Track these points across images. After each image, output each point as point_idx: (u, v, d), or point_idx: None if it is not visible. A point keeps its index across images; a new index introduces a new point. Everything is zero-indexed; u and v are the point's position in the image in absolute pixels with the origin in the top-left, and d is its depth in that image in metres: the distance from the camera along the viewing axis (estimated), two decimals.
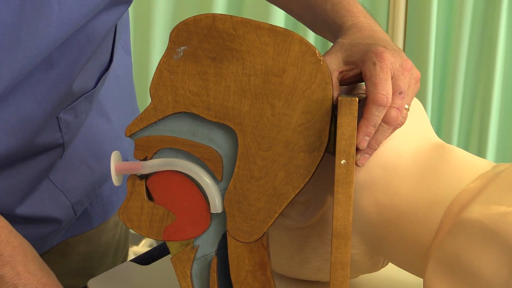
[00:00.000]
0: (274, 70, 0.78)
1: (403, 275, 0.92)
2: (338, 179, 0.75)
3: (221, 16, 0.78)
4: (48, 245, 1.11)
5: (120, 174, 0.83)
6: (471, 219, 0.74)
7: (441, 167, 0.84)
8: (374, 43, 0.80)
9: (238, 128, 0.79)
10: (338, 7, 0.88)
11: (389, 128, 0.78)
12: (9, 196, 0.97)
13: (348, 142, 0.75)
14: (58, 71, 0.89)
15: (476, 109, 1.96)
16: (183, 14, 2.09)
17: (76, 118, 0.97)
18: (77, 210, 1.08)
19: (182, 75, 0.80)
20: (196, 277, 0.83)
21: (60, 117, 0.94)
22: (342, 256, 0.76)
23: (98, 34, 0.91)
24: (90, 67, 0.95)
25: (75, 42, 0.88)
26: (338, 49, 0.81)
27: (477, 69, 1.95)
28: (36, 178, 0.99)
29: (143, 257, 1.08)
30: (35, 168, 0.97)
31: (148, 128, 0.81)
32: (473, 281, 0.73)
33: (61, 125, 0.95)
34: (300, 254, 0.89)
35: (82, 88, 0.96)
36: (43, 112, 0.90)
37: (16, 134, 0.90)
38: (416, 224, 0.82)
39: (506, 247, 0.70)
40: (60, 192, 1.04)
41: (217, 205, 0.80)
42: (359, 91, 0.86)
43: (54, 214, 1.05)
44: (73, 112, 0.96)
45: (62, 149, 0.98)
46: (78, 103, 0.96)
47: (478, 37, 1.93)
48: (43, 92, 0.89)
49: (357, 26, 0.84)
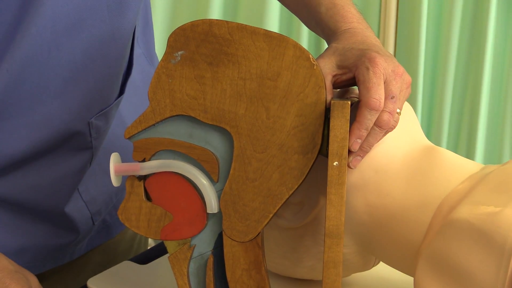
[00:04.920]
0: (269, 74, 0.78)
1: (394, 274, 0.92)
2: (330, 180, 0.75)
3: (217, 21, 0.78)
4: (68, 257, 1.10)
5: (119, 175, 0.83)
6: (460, 219, 0.74)
7: (431, 169, 0.84)
8: (367, 48, 0.80)
9: (234, 130, 0.79)
10: (332, 11, 0.88)
11: (381, 131, 0.78)
12: (35, 192, 0.97)
13: (341, 144, 0.75)
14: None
15: (465, 112, 1.97)
16: (180, 18, 2.08)
17: (107, 124, 0.99)
18: (95, 220, 1.08)
19: (179, 79, 0.80)
20: (193, 275, 0.83)
21: (92, 122, 0.95)
22: (335, 255, 0.76)
23: (126, 32, 0.92)
24: (117, 72, 0.96)
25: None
26: (331, 53, 0.82)
27: (465, 74, 1.95)
28: (63, 179, 0.99)
29: (142, 257, 1.08)
30: (63, 168, 0.97)
31: (147, 131, 0.82)
32: (462, 279, 0.73)
33: (92, 130, 0.96)
34: (293, 254, 0.89)
35: (112, 94, 0.97)
36: (69, 109, 0.91)
37: (41, 130, 0.90)
38: (406, 225, 0.82)
39: (494, 246, 0.70)
40: (84, 203, 1.04)
41: (213, 206, 0.80)
42: (351, 94, 0.86)
43: (74, 224, 1.05)
44: (105, 118, 0.97)
45: (91, 154, 0.99)
46: (110, 109, 0.97)
47: (467, 42, 1.93)
48: (69, 91, 0.90)
49: (350, 31, 0.84)
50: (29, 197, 0.97)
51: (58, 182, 0.98)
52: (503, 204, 0.72)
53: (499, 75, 1.93)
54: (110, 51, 0.92)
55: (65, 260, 1.08)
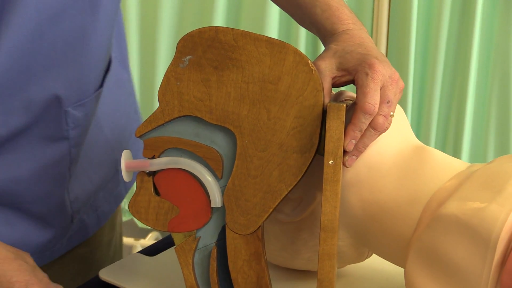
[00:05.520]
0: (270, 78, 0.78)
1: (386, 265, 0.92)
2: (326, 178, 0.76)
3: (223, 28, 0.78)
4: (47, 257, 1.03)
5: (130, 171, 0.83)
6: (448, 214, 0.74)
7: (421, 167, 0.84)
8: (366, 53, 0.80)
9: (237, 130, 0.79)
10: (328, 13, 0.86)
11: (375, 133, 0.78)
12: (15, 184, 0.93)
13: (336, 144, 0.75)
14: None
15: (452, 114, 1.97)
16: (186, 26, 2.08)
17: (86, 116, 0.94)
18: (74, 218, 1.03)
19: (187, 82, 0.80)
20: (197, 265, 0.83)
21: (69, 111, 0.91)
22: (329, 248, 0.76)
23: (107, 23, 0.89)
24: (96, 63, 0.93)
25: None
26: (331, 55, 0.81)
27: (452, 78, 1.95)
28: (43, 170, 0.94)
29: (150, 249, 1.07)
30: (41, 159, 0.93)
31: (156, 130, 0.82)
32: (450, 270, 0.73)
33: (68, 119, 0.92)
34: (292, 246, 0.89)
35: (91, 86, 0.93)
36: (47, 96, 0.87)
37: (19, 116, 0.87)
38: (397, 219, 0.82)
39: (479, 239, 0.70)
40: (69, 201, 1.00)
41: (217, 200, 0.80)
42: (346, 97, 0.86)
43: (53, 221, 1.00)
44: (83, 109, 0.93)
45: (68, 145, 0.94)
46: (89, 101, 0.94)
47: (453, 51, 1.93)
48: (48, 78, 0.86)
49: (347, 33, 0.84)
50: (9, 189, 0.93)
51: (38, 175, 0.94)
52: (488, 200, 0.72)
53: (484, 80, 1.93)
54: (91, 41, 0.89)
55: (45, 261, 1.03)
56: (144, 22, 2.12)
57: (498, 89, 1.92)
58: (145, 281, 0.95)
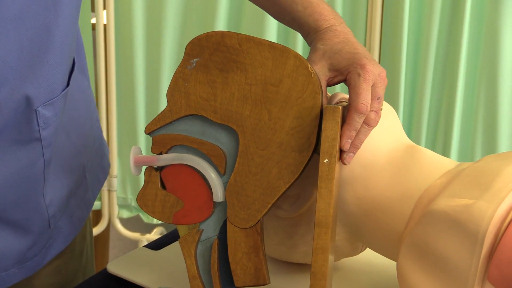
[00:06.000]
0: (272, 80, 0.78)
1: (379, 259, 0.91)
2: (321, 176, 0.76)
3: (229, 33, 0.79)
4: (33, 267, 0.96)
5: (138, 165, 0.84)
6: (438, 210, 0.74)
7: (412, 165, 0.84)
8: (354, 52, 0.80)
9: (240, 129, 0.80)
10: (310, 10, 0.86)
11: (369, 128, 0.79)
12: None
13: (331, 144, 0.76)
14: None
15: (441, 115, 1.97)
16: (190, 29, 2.08)
17: (55, 116, 0.88)
18: (51, 223, 0.96)
19: (194, 83, 0.80)
20: (200, 256, 0.83)
21: (39, 110, 0.85)
22: (323, 243, 0.76)
23: (70, 20, 0.85)
24: (62, 61, 0.87)
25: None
26: (321, 57, 0.82)
27: (442, 81, 1.95)
28: (17, 175, 0.87)
29: (155, 243, 1.07)
30: (14, 163, 0.86)
31: (164, 127, 0.82)
32: (440, 263, 0.73)
33: (39, 119, 0.86)
34: (290, 241, 0.89)
35: (58, 85, 0.88)
36: (17, 98, 0.82)
37: None
38: (390, 215, 0.82)
39: (468, 234, 0.70)
40: (45, 205, 0.93)
41: (219, 195, 0.81)
42: (340, 99, 0.86)
43: (32, 226, 0.92)
44: (52, 108, 0.87)
45: (40, 146, 0.88)
46: (57, 100, 0.88)
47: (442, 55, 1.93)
48: (17, 79, 0.81)
49: (332, 29, 0.84)
50: None
51: (12, 180, 0.87)
52: (476, 197, 0.72)
53: (472, 82, 1.93)
54: (55, 39, 0.83)
55: (28, 272, 0.96)
56: (150, 26, 2.11)
57: (485, 91, 1.92)
58: (150, 274, 0.95)
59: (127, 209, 2.29)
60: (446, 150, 1.97)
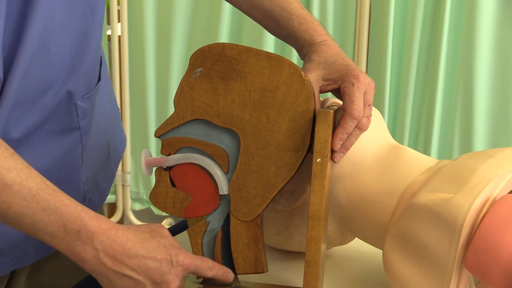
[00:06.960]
0: (269, 87, 0.78)
1: (366, 248, 0.91)
2: (314, 174, 0.76)
3: (229, 44, 0.79)
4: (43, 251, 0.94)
5: (150, 167, 0.84)
6: (419, 203, 0.74)
7: (396, 163, 0.84)
8: (346, 64, 0.81)
9: (241, 132, 0.80)
10: (305, 26, 0.87)
11: (360, 132, 0.79)
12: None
13: (323, 145, 0.76)
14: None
15: (423, 117, 1.97)
16: (196, 42, 2.08)
17: (92, 107, 0.91)
18: (86, 198, 0.97)
19: (198, 90, 0.80)
20: (205, 245, 0.83)
21: (78, 104, 0.87)
22: (316, 234, 0.76)
23: (99, 23, 0.86)
24: (96, 59, 0.89)
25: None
26: (316, 66, 0.82)
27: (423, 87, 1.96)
28: (59, 160, 0.89)
29: None
30: (57, 150, 0.88)
31: (172, 131, 0.82)
32: (422, 252, 0.73)
33: (78, 111, 0.88)
34: (286, 231, 0.89)
35: (94, 80, 0.90)
36: (62, 95, 0.84)
37: (35, 115, 0.82)
38: (376, 208, 0.82)
39: (447, 225, 0.70)
40: (82, 183, 0.94)
41: (224, 189, 0.81)
42: (331, 104, 0.86)
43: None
44: (89, 100, 0.90)
45: (79, 134, 0.90)
46: (93, 93, 0.90)
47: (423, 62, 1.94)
48: (61, 80, 0.83)
49: (325, 44, 0.85)
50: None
51: (56, 164, 0.88)
52: (454, 191, 0.72)
53: (450, 88, 1.94)
54: (92, 41, 0.85)
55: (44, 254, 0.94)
56: (160, 37, 2.12)
57: (462, 96, 1.93)
58: None
59: (139, 202, 2.29)
60: (427, 148, 1.97)
